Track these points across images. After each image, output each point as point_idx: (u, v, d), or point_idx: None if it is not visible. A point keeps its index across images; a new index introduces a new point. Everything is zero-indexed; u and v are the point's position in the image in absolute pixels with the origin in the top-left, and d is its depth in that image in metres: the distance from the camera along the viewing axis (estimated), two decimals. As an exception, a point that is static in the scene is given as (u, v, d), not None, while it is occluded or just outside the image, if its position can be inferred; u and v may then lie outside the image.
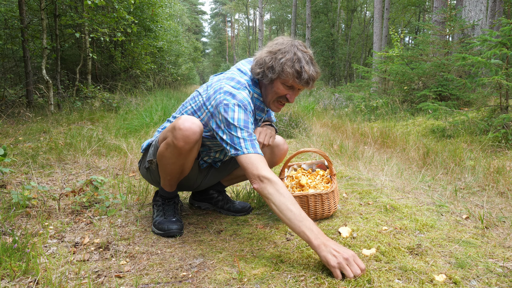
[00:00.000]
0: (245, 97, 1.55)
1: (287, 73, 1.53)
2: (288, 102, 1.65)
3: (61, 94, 6.50)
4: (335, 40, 24.14)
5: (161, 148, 1.60)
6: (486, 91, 4.87)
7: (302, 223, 1.34)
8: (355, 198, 2.23)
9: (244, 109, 1.53)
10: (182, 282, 1.29)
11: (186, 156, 1.58)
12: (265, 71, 1.57)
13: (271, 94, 1.62)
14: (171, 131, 1.53)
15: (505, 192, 2.29)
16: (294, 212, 1.36)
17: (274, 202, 1.39)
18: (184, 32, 25.01)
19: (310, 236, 1.32)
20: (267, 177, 1.42)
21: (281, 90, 1.59)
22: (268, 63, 1.56)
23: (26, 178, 2.52)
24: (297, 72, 1.53)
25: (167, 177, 1.71)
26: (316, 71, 1.57)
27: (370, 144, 4.03)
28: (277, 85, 1.59)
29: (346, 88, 10.65)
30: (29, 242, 1.51)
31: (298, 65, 1.52)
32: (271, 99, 1.64)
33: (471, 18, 6.83)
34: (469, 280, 1.27)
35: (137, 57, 10.00)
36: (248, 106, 1.55)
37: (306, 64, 1.54)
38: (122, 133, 4.28)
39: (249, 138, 1.50)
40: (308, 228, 1.33)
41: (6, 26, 6.95)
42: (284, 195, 1.39)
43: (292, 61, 1.53)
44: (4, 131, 4.12)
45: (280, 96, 1.61)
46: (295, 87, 1.59)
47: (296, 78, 1.54)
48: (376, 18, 14.33)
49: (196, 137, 1.52)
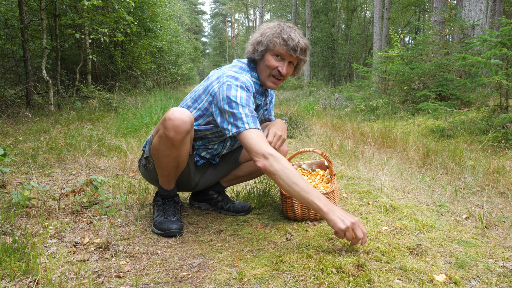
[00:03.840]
0: (247, 79, 1.62)
1: (274, 42, 1.61)
2: (281, 75, 1.67)
3: (61, 94, 6.50)
4: (335, 40, 24.14)
5: (155, 141, 1.62)
6: (486, 91, 4.88)
7: (310, 194, 1.43)
8: (355, 198, 2.23)
9: (247, 90, 1.59)
10: (182, 282, 1.29)
11: (179, 147, 1.58)
12: (256, 47, 1.66)
13: (264, 70, 1.67)
14: (162, 123, 1.56)
15: (505, 192, 2.29)
16: (301, 185, 1.44)
17: (281, 178, 1.45)
18: (184, 32, 25.00)
19: (320, 204, 1.42)
20: (271, 153, 1.47)
21: (272, 62, 1.64)
22: (258, 39, 1.66)
23: (26, 178, 2.52)
24: (283, 39, 1.60)
25: (163, 173, 1.71)
26: (305, 42, 1.64)
27: (370, 144, 4.02)
28: (267, 58, 1.65)
29: (346, 88, 10.65)
30: (29, 242, 1.51)
31: (284, 34, 1.61)
32: (265, 75, 1.68)
33: (471, 18, 6.83)
34: (469, 280, 1.27)
35: (137, 57, 10.00)
36: (250, 88, 1.61)
37: (292, 33, 1.62)
38: (122, 133, 4.28)
39: (251, 115, 1.55)
40: (317, 198, 1.43)
41: (6, 26, 6.95)
42: (289, 169, 1.46)
43: (278, 32, 1.62)
44: (4, 131, 4.12)
45: (272, 69, 1.65)
46: (284, 56, 1.64)
47: (283, 46, 1.61)
48: (376, 18, 14.33)
49: (186, 126, 1.53)
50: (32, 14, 7.36)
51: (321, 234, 1.67)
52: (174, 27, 14.53)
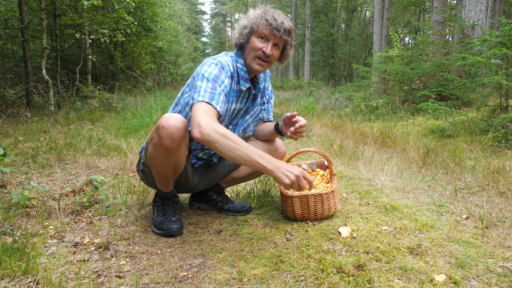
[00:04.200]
0: (225, 60, 1.65)
1: (257, 24, 1.64)
2: (266, 56, 1.66)
3: (61, 94, 6.50)
4: (335, 40, 24.14)
5: (150, 149, 1.60)
6: (486, 91, 4.87)
7: (253, 155, 1.36)
8: (355, 198, 2.23)
9: (221, 67, 1.61)
10: (182, 282, 1.29)
11: (175, 154, 1.57)
12: (242, 32, 1.68)
13: (250, 52, 1.68)
14: (155, 131, 1.54)
15: (505, 192, 2.29)
16: (243, 149, 1.37)
17: (222, 145, 1.37)
18: (184, 32, 24.99)
19: (263, 163, 1.36)
20: (208, 123, 1.39)
21: (257, 44, 1.65)
22: (243, 24, 1.69)
23: (26, 178, 2.52)
24: (266, 20, 1.63)
25: (161, 177, 1.70)
26: (289, 24, 1.66)
27: (370, 144, 4.02)
28: (252, 40, 1.66)
29: (346, 88, 10.65)
30: (29, 242, 1.51)
31: (268, 15, 1.64)
32: (251, 57, 1.68)
33: (471, 18, 6.83)
34: (469, 280, 1.27)
35: (137, 57, 10.00)
36: (226, 66, 1.63)
37: (276, 15, 1.64)
38: (122, 133, 4.28)
39: (210, 90, 1.52)
40: (259, 157, 1.36)
41: (6, 26, 6.95)
42: (229, 136, 1.38)
43: (262, 14, 1.65)
44: (4, 131, 4.12)
45: (257, 50, 1.65)
46: (269, 37, 1.64)
47: (266, 26, 1.62)
48: (376, 18, 14.34)
49: (180, 133, 1.50)
50: (32, 14, 7.36)
51: (321, 234, 1.67)
52: (174, 27, 14.53)
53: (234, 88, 1.71)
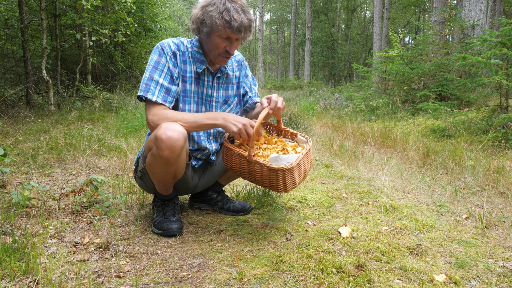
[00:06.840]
0: (167, 41, 1.67)
1: (217, 25, 1.57)
2: (229, 54, 1.66)
3: (61, 94, 6.50)
4: (335, 40, 24.15)
5: (149, 159, 1.59)
6: (486, 91, 4.88)
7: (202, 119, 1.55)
8: (355, 198, 2.23)
9: (161, 50, 1.64)
10: (182, 282, 1.29)
11: (175, 164, 1.55)
12: (199, 27, 1.63)
13: (212, 49, 1.66)
14: (154, 142, 1.51)
15: (505, 192, 2.29)
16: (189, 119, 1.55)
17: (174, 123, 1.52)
18: (184, 32, 25.00)
19: (213, 120, 1.55)
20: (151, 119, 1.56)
21: (219, 43, 1.62)
22: (200, 18, 1.61)
23: (26, 178, 2.52)
24: (226, 22, 1.56)
25: (160, 183, 1.70)
26: (248, 19, 1.61)
27: (370, 144, 4.02)
28: (214, 39, 1.62)
29: (346, 88, 10.66)
30: (29, 242, 1.51)
31: (227, 15, 1.56)
32: (215, 54, 1.66)
33: (471, 18, 6.84)
34: (469, 280, 1.27)
35: (137, 57, 9.99)
36: (166, 48, 1.65)
37: (235, 13, 1.57)
38: (122, 133, 4.28)
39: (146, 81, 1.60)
40: (207, 118, 1.56)
41: (6, 26, 6.95)
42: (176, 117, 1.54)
43: (220, 12, 1.56)
44: (4, 131, 4.12)
45: (221, 49, 1.64)
46: (230, 37, 1.62)
47: (227, 28, 1.58)
48: (376, 18, 14.34)
49: (180, 143, 1.48)
50: (32, 14, 7.36)
51: (321, 234, 1.67)
52: (174, 27, 14.52)
53: (186, 68, 1.70)
